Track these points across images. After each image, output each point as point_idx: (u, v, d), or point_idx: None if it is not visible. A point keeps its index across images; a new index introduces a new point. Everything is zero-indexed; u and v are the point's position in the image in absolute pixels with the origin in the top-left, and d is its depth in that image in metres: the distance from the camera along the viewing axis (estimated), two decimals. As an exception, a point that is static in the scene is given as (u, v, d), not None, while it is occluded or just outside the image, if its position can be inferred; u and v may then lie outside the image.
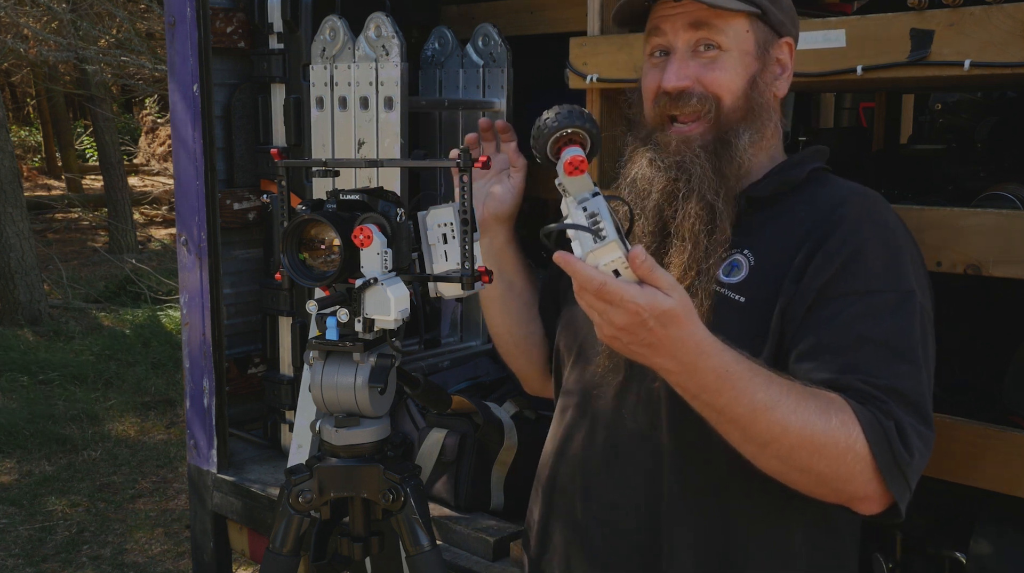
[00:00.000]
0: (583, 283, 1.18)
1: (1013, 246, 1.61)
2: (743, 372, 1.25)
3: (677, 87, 1.45)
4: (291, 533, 1.75)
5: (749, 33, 1.46)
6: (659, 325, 1.19)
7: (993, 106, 2.60)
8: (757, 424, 1.25)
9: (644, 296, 1.17)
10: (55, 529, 4.64)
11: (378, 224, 1.58)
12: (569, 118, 1.34)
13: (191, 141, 2.83)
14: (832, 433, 1.25)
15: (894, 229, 1.44)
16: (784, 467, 1.29)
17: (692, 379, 1.24)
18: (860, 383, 1.31)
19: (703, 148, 1.44)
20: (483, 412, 2.56)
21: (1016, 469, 1.64)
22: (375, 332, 1.63)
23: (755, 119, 1.47)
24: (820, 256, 1.38)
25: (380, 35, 2.62)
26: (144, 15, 8.99)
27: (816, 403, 1.27)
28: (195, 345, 2.93)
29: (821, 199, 1.46)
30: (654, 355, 1.22)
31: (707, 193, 1.41)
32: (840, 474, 1.28)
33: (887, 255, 1.39)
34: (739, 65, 1.45)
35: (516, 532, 2.40)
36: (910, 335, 1.35)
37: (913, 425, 1.30)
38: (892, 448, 1.28)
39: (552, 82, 2.37)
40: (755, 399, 1.24)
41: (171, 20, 2.84)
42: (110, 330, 7.98)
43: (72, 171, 15.38)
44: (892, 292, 1.36)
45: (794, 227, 1.44)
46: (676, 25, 1.45)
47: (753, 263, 1.43)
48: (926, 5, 1.66)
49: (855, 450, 1.26)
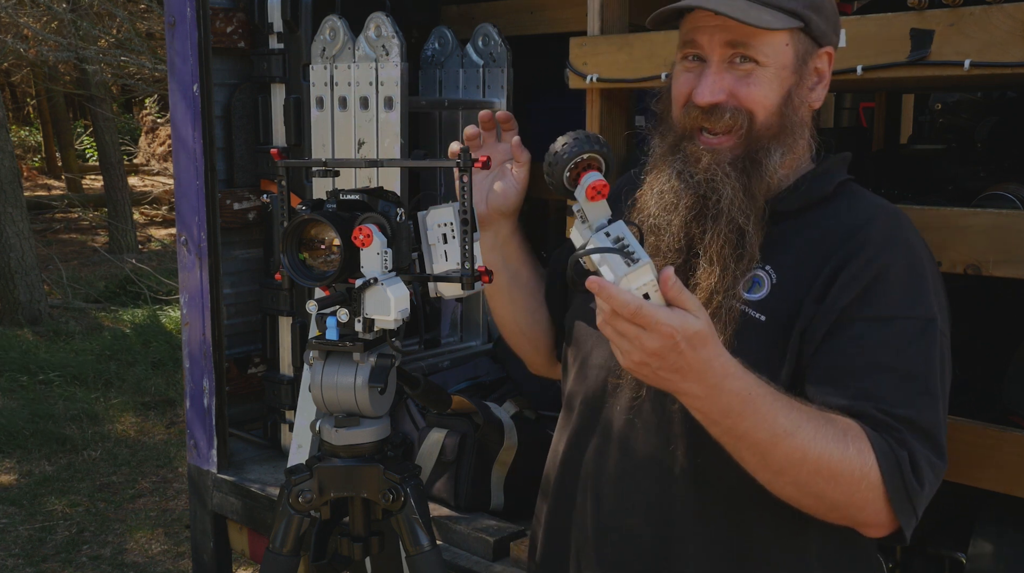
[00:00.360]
0: (619, 308, 1.15)
1: (1013, 246, 1.61)
2: (765, 396, 1.24)
3: (711, 102, 1.40)
4: (291, 533, 1.75)
5: (788, 47, 1.40)
6: (690, 348, 1.17)
7: (993, 106, 2.60)
8: (777, 450, 1.24)
9: (676, 318, 1.16)
10: (55, 529, 4.64)
11: (378, 224, 1.58)
12: (585, 143, 1.33)
13: (191, 141, 2.83)
14: (848, 461, 1.25)
15: (918, 252, 1.41)
16: (799, 493, 1.29)
17: (716, 403, 1.23)
18: (876, 411, 1.30)
19: (733, 166, 1.40)
20: (483, 412, 2.56)
21: (1016, 469, 1.64)
22: (375, 332, 1.63)
23: (787, 136, 1.43)
24: (843, 277, 1.36)
25: (380, 35, 2.62)
26: (144, 15, 8.99)
27: (833, 430, 1.26)
28: (195, 345, 2.93)
29: (846, 216, 1.43)
30: (681, 380, 1.20)
31: (737, 216, 1.37)
32: (853, 502, 1.28)
33: (910, 280, 1.37)
34: (775, 80, 1.40)
35: (516, 532, 2.40)
36: (929, 364, 1.34)
37: (927, 456, 1.30)
38: (904, 479, 1.28)
39: (552, 82, 2.37)
40: (776, 424, 1.23)
41: (171, 20, 2.84)
42: (110, 330, 7.98)
43: (72, 171, 15.38)
44: (914, 319, 1.35)
45: (818, 245, 1.41)
46: (713, 39, 1.39)
47: (775, 281, 1.40)
48: (926, 5, 1.66)
49: (869, 479, 1.26)
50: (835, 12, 1.48)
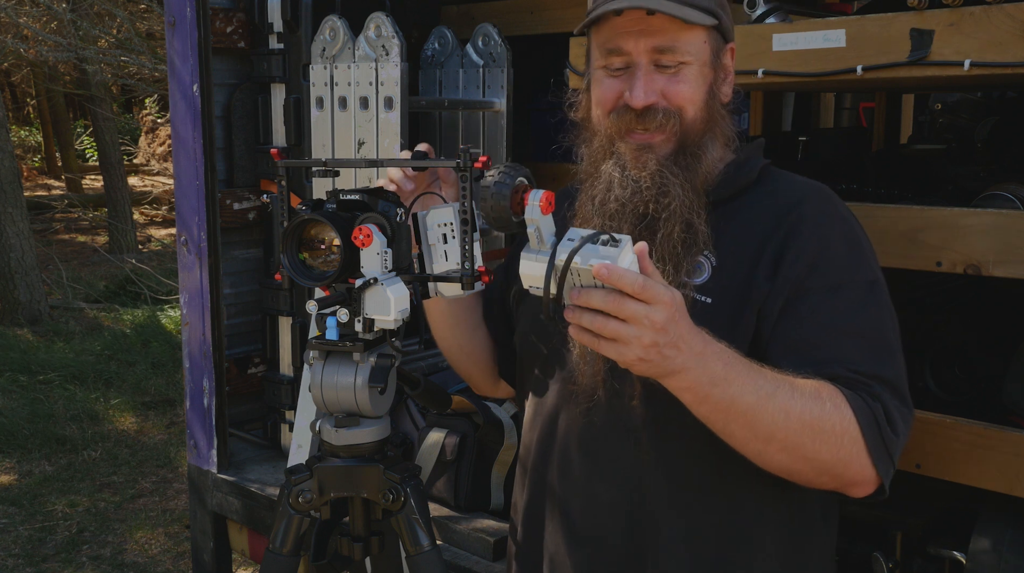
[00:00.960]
0: (628, 286, 1.14)
1: (1013, 246, 1.61)
2: (740, 358, 1.27)
3: (645, 104, 1.43)
4: (291, 533, 1.75)
5: (706, 43, 1.46)
6: (681, 316, 1.20)
7: (993, 106, 2.60)
8: (763, 414, 1.26)
9: (667, 289, 1.18)
10: (55, 529, 4.64)
11: (378, 224, 1.58)
12: (514, 170, 1.33)
13: (191, 141, 2.83)
14: (828, 417, 1.28)
15: (850, 221, 1.48)
16: (789, 458, 1.31)
17: (705, 372, 1.23)
18: (844, 371, 1.34)
19: (676, 164, 1.43)
20: (483, 412, 2.56)
21: (1016, 469, 1.64)
22: (375, 332, 1.63)
23: (715, 127, 1.49)
24: (788, 255, 1.41)
25: (380, 35, 2.62)
26: (144, 15, 8.99)
27: (809, 389, 1.29)
28: (195, 345, 2.93)
29: (776, 197, 1.49)
30: (678, 354, 1.20)
31: (687, 214, 1.41)
32: (840, 458, 1.31)
33: (849, 247, 1.44)
34: (699, 76, 1.45)
35: (516, 532, 2.40)
36: (882, 322, 1.41)
37: (896, 406, 1.35)
38: (880, 430, 1.32)
39: (552, 82, 2.37)
40: (759, 387, 1.26)
41: (171, 20, 2.84)
42: (110, 330, 7.98)
43: (72, 171, 15.38)
44: (860, 282, 1.41)
45: (754, 225, 1.46)
46: (639, 43, 1.43)
47: (715, 264, 1.44)
48: (926, 5, 1.66)
49: (850, 433, 1.30)
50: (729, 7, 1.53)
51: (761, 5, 2.01)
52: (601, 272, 1.15)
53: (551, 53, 2.49)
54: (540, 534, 1.59)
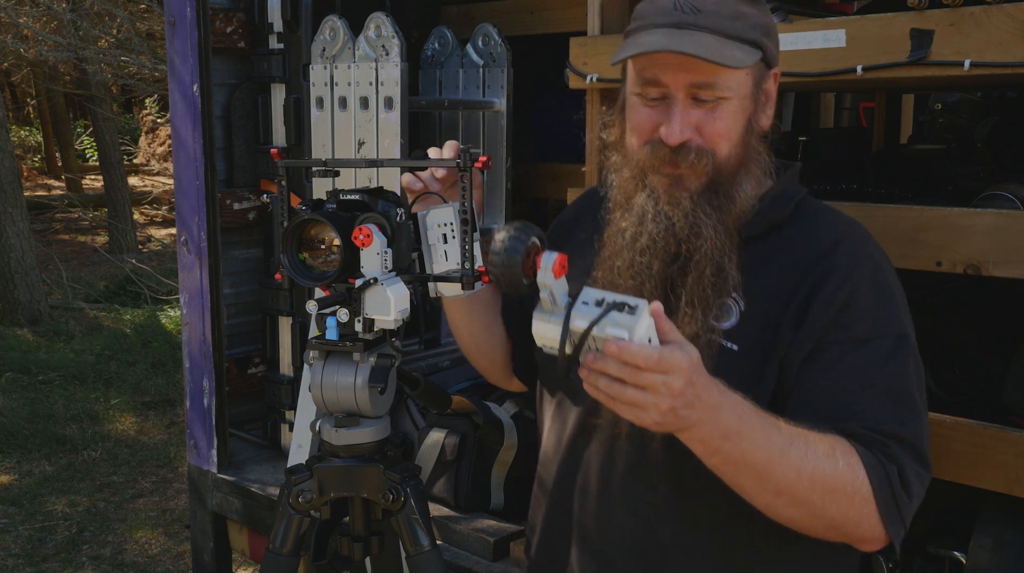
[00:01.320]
0: (644, 363, 1.13)
1: (1013, 246, 1.61)
2: (755, 413, 1.25)
3: (680, 140, 1.37)
4: (291, 533, 1.75)
5: (748, 76, 1.40)
6: (698, 377, 1.17)
7: (993, 106, 2.60)
8: (774, 469, 1.24)
9: (685, 353, 1.15)
10: (55, 529, 4.64)
11: (378, 224, 1.58)
12: (526, 231, 1.27)
13: (191, 141, 2.83)
14: (840, 476, 1.26)
15: (884, 269, 1.43)
16: (797, 513, 1.29)
17: (717, 426, 1.22)
18: (862, 428, 1.31)
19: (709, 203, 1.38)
20: (483, 412, 2.56)
21: (1016, 469, 1.64)
22: (375, 332, 1.63)
23: (751, 163, 1.43)
24: (816, 305, 1.36)
25: (380, 35, 2.62)
26: (144, 15, 8.99)
27: (823, 447, 1.27)
28: (195, 345, 2.93)
29: (810, 240, 1.43)
30: (693, 412, 1.19)
31: (718, 255, 1.37)
32: (849, 518, 1.29)
33: (879, 300, 1.39)
34: (739, 112, 1.40)
35: (516, 532, 2.40)
36: (907, 379, 1.36)
37: (914, 468, 1.32)
38: (894, 492, 1.29)
39: (552, 82, 2.37)
40: (771, 442, 1.24)
41: (171, 20, 2.84)
42: (110, 330, 7.98)
43: (72, 171, 15.37)
44: (888, 337, 1.37)
45: (785, 271, 1.41)
46: (678, 78, 1.36)
47: (743, 309, 1.40)
48: (926, 5, 1.66)
49: (861, 493, 1.28)
50: (776, 32, 1.46)
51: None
52: (612, 350, 1.12)
53: (551, 53, 2.49)
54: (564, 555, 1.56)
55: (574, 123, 2.34)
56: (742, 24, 1.37)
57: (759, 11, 1.41)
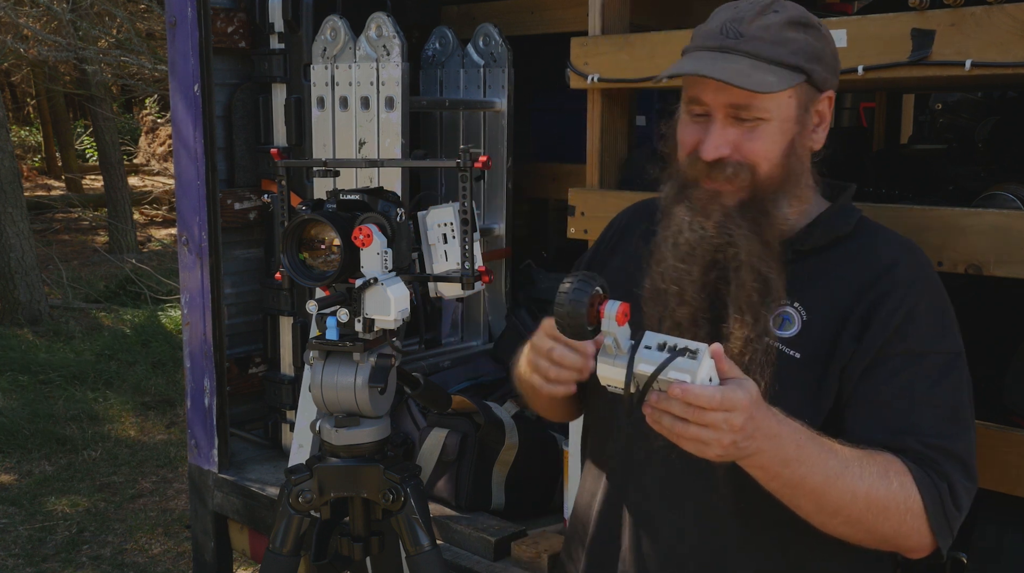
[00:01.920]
0: (707, 404, 1.19)
1: (1013, 246, 1.61)
2: (812, 440, 1.30)
3: (715, 158, 1.42)
4: (291, 533, 1.75)
5: (792, 99, 1.43)
6: (757, 410, 1.23)
7: (993, 106, 2.60)
8: (831, 492, 1.30)
9: (744, 390, 1.21)
10: (55, 529, 4.64)
11: (378, 224, 1.58)
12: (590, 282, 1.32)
13: (192, 141, 2.83)
14: (894, 496, 1.32)
15: (939, 288, 1.47)
16: (851, 531, 1.35)
17: (777, 455, 1.27)
18: (916, 444, 1.36)
19: (743, 216, 1.42)
20: (484, 412, 2.56)
21: (1016, 469, 1.64)
22: (375, 332, 1.63)
23: (792, 184, 1.46)
24: (877, 318, 1.40)
25: (381, 35, 2.62)
26: (144, 15, 8.99)
27: (877, 468, 1.32)
28: (196, 345, 2.93)
29: (871, 255, 1.47)
30: (754, 443, 1.24)
31: (758, 265, 1.41)
32: (900, 533, 1.35)
33: (937, 316, 1.43)
34: (778, 133, 1.43)
35: (517, 532, 2.40)
36: (959, 395, 1.41)
37: (963, 484, 1.37)
38: (945, 508, 1.35)
39: (553, 82, 2.37)
40: (828, 467, 1.29)
41: (172, 20, 2.84)
42: (110, 330, 7.98)
43: (72, 171, 15.37)
44: (944, 354, 1.41)
45: (846, 283, 1.45)
46: (717, 98, 1.42)
47: (805, 318, 1.44)
48: (927, 5, 1.66)
49: (913, 511, 1.33)
50: (835, 55, 1.49)
51: (762, 5, 2.01)
52: (677, 393, 1.19)
53: (552, 53, 2.50)
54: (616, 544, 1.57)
55: (575, 123, 2.34)
56: (784, 50, 1.41)
57: (809, 36, 1.43)
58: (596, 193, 2.20)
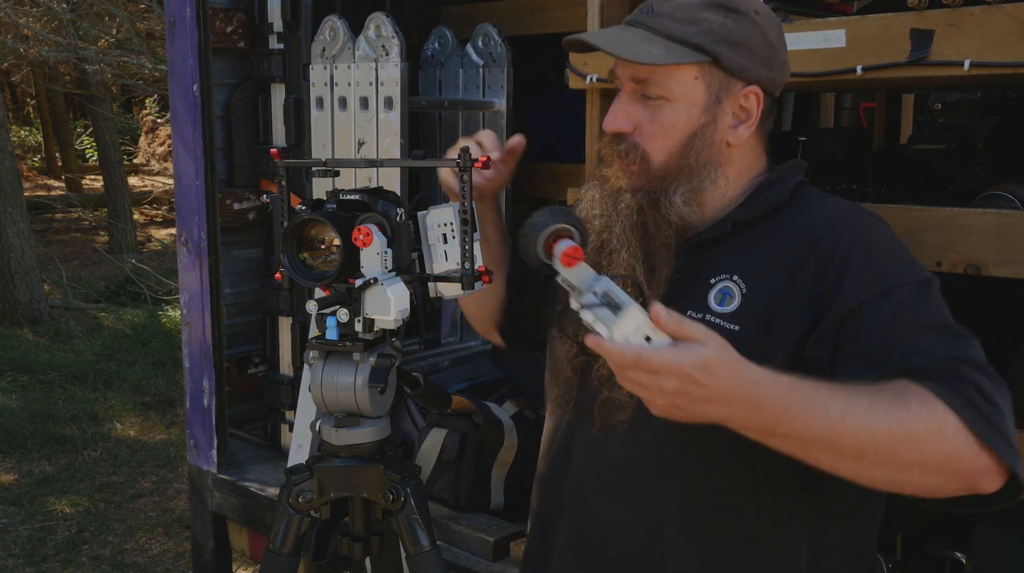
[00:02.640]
0: (620, 361, 1.15)
1: (1013, 246, 1.61)
2: (805, 390, 1.20)
3: (614, 130, 1.43)
4: (291, 533, 1.75)
5: (698, 80, 1.39)
6: (708, 376, 1.15)
7: (993, 106, 2.60)
8: (843, 437, 1.19)
9: (683, 354, 1.14)
10: (55, 529, 4.64)
11: (378, 224, 1.58)
12: (554, 215, 1.34)
13: (191, 141, 2.83)
14: (918, 417, 1.19)
15: (886, 233, 1.42)
16: (890, 472, 1.23)
17: (761, 417, 1.19)
18: (924, 362, 1.26)
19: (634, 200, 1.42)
20: (483, 412, 2.56)
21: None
22: (375, 332, 1.63)
23: (692, 176, 1.42)
24: (829, 277, 1.35)
25: (380, 35, 2.62)
26: (144, 15, 8.99)
27: (889, 395, 1.21)
28: (195, 345, 2.93)
29: (809, 218, 1.43)
30: (716, 409, 1.18)
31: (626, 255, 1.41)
32: (947, 454, 1.21)
33: (893, 251, 1.38)
34: (681, 119, 1.40)
35: (516, 532, 2.40)
36: (945, 313, 1.33)
37: (989, 383, 1.25)
38: (982, 410, 1.22)
39: (552, 82, 2.37)
40: (828, 412, 1.19)
41: (171, 20, 2.84)
42: (110, 330, 7.98)
43: (72, 171, 15.38)
44: (913, 282, 1.34)
45: (786, 248, 1.40)
46: (624, 71, 1.44)
47: (745, 291, 1.40)
48: (926, 5, 1.66)
49: (948, 425, 1.20)
50: (770, 47, 1.42)
51: (761, 5, 2.01)
52: (590, 343, 1.16)
53: (551, 53, 2.49)
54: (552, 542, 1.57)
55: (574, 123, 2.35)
56: (690, 28, 1.37)
57: (729, 20, 1.39)
58: (596, 193, 2.20)
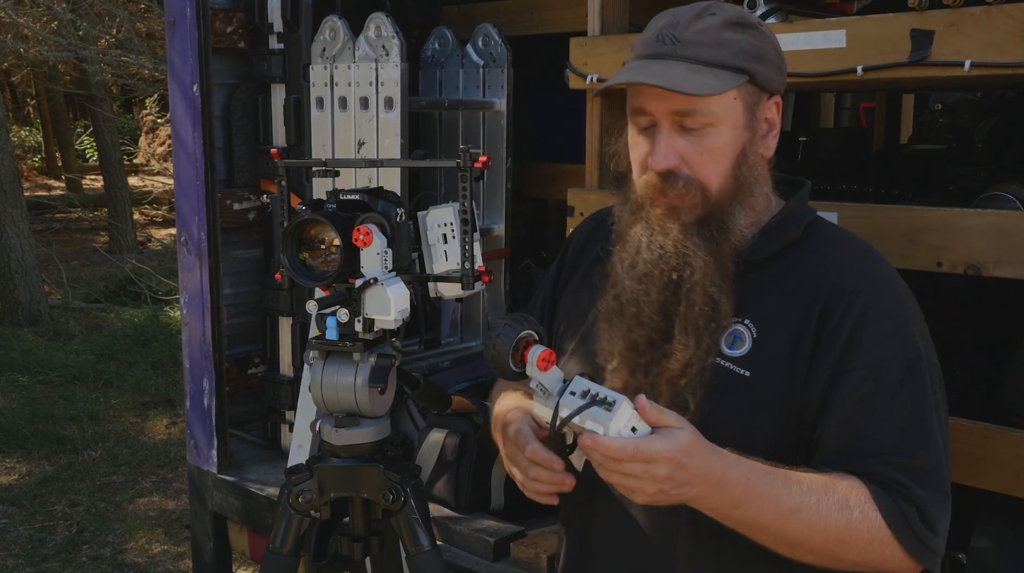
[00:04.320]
0: (618, 455, 1.21)
1: (1013, 246, 1.61)
2: (763, 478, 1.29)
3: (665, 168, 1.39)
4: (291, 533, 1.75)
5: (737, 101, 1.39)
6: (689, 459, 1.23)
7: (993, 106, 2.60)
8: (786, 529, 1.30)
9: (669, 440, 1.22)
10: (55, 529, 4.64)
11: (378, 224, 1.58)
12: (518, 325, 1.36)
13: (191, 141, 2.83)
14: (854, 527, 1.31)
15: (894, 289, 1.42)
16: (819, 560, 1.35)
17: (724, 497, 1.28)
18: (879, 466, 1.34)
19: (700, 235, 1.40)
20: (483, 412, 2.56)
21: (1016, 469, 1.64)
22: (375, 332, 1.63)
23: (746, 194, 1.42)
24: (826, 334, 1.37)
25: (380, 35, 2.62)
26: (144, 15, 8.99)
27: (836, 498, 1.31)
28: (195, 345, 2.93)
29: (820, 262, 1.43)
30: (691, 489, 1.26)
31: (710, 288, 1.38)
32: (871, 560, 1.34)
33: (890, 322, 1.39)
34: (728, 141, 1.40)
35: (516, 532, 2.40)
36: (922, 402, 1.37)
37: (932, 500, 1.34)
38: (916, 532, 1.33)
39: (552, 82, 2.37)
40: (780, 504, 1.29)
41: (171, 20, 2.84)
42: (110, 330, 7.98)
43: (72, 171, 15.38)
44: (901, 362, 1.37)
45: (796, 294, 1.41)
46: (660, 106, 1.39)
47: (755, 335, 1.41)
48: (926, 5, 1.66)
49: (880, 538, 1.32)
50: (780, 55, 1.45)
51: (761, 5, 2.01)
52: (586, 443, 1.22)
53: (551, 53, 2.50)
54: None
55: (574, 123, 2.35)
56: (724, 51, 1.37)
57: (749, 35, 1.40)
58: (595, 193, 2.20)
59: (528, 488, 1.44)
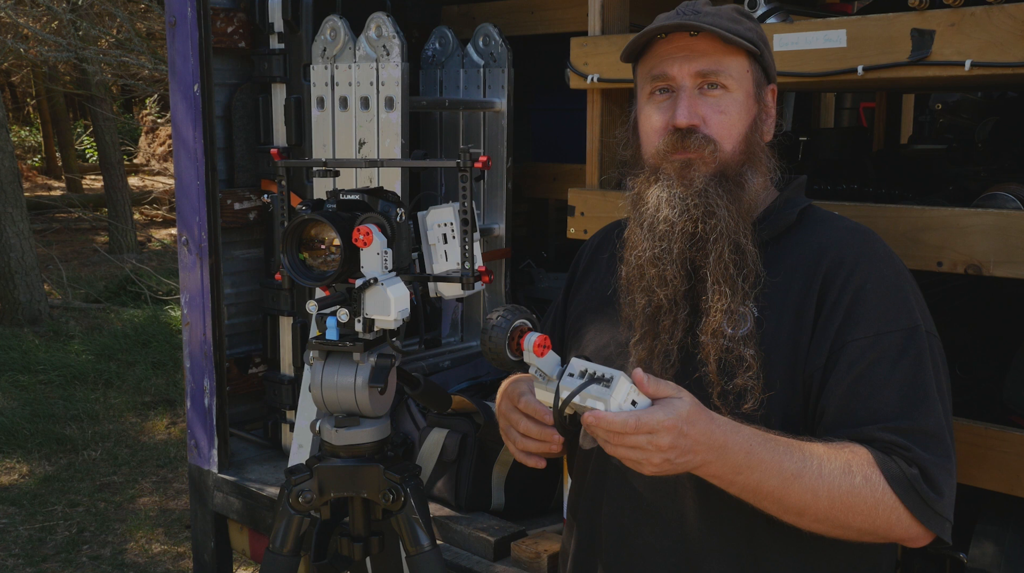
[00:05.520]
0: (622, 429, 1.23)
1: (1013, 246, 1.61)
2: (765, 444, 1.31)
3: (688, 124, 1.45)
4: (291, 533, 1.75)
5: (749, 73, 1.49)
6: (691, 427, 1.25)
7: (993, 106, 2.60)
8: (790, 495, 1.31)
9: (669, 410, 1.25)
10: (55, 529, 4.64)
11: (378, 224, 1.58)
12: (512, 315, 1.39)
13: (192, 141, 2.83)
14: (857, 491, 1.32)
15: (890, 262, 1.46)
16: (825, 528, 1.36)
17: (727, 463, 1.29)
18: (883, 432, 1.36)
19: (721, 186, 1.44)
20: (484, 412, 2.56)
21: (1016, 469, 1.64)
22: (375, 332, 1.63)
23: (756, 162, 1.49)
24: (827, 304, 1.41)
25: (381, 35, 2.62)
26: (144, 15, 8.99)
27: (838, 464, 1.32)
28: (196, 345, 2.93)
29: (815, 241, 1.48)
30: (695, 457, 1.27)
31: (736, 235, 1.42)
32: (878, 525, 1.34)
33: (887, 293, 1.42)
34: (742, 108, 1.48)
35: (517, 532, 2.40)
36: (922, 370, 1.39)
37: (936, 463, 1.36)
38: (921, 494, 1.34)
39: (552, 82, 2.37)
40: (783, 469, 1.30)
41: (172, 20, 2.84)
42: (110, 330, 7.98)
43: (72, 171, 15.37)
44: (900, 331, 1.40)
45: (793, 273, 1.45)
46: (683, 68, 1.46)
47: (757, 315, 1.43)
48: (927, 5, 1.66)
49: (885, 502, 1.33)
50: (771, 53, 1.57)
51: (762, 5, 2.01)
52: (589, 421, 1.24)
53: (551, 53, 2.50)
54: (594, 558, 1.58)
55: (574, 123, 2.35)
56: (741, 27, 1.48)
57: (755, 24, 1.53)
58: (596, 193, 2.20)
59: (519, 445, 1.47)
